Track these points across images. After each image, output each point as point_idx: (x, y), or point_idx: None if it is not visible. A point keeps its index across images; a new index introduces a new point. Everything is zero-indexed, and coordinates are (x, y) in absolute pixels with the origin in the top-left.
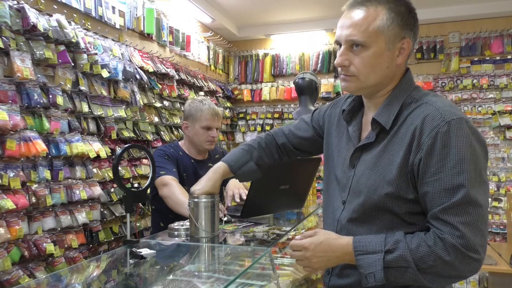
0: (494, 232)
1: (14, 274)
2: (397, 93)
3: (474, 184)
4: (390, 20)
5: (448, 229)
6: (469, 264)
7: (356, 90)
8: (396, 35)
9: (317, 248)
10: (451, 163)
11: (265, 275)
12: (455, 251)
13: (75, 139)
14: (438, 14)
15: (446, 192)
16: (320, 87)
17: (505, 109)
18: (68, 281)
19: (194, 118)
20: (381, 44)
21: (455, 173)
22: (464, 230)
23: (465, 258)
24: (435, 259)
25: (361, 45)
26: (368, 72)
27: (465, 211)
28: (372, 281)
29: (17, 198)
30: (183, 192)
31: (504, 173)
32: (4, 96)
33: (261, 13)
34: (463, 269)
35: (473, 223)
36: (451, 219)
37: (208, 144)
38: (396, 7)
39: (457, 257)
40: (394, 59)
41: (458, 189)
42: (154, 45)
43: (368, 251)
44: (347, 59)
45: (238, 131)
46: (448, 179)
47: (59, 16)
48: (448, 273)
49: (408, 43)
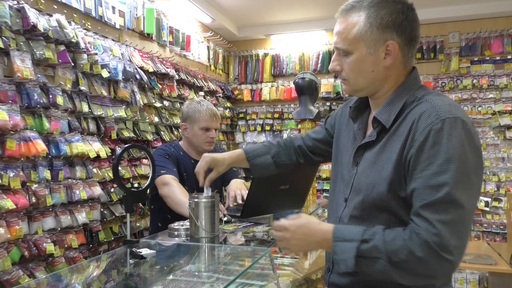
0: (494, 232)
1: (14, 274)
2: (400, 92)
3: (459, 185)
4: (367, 25)
5: (425, 225)
6: (441, 265)
7: (352, 92)
8: (377, 39)
9: (298, 231)
10: (439, 161)
11: (265, 275)
12: (428, 249)
13: (75, 139)
14: (438, 14)
15: (430, 189)
16: (320, 87)
17: (505, 109)
18: (68, 281)
19: (193, 119)
20: (362, 50)
21: (441, 171)
22: (441, 229)
23: (438, 257)
24: (407, 253)
25: (345, 52)
26: (355, 76)
27: (445, 210)
28: (343, 267)
29: (17, 198)
30: (183, 192)
31: (504, 173)
32: (4, 96)
33: (261, 13)
34: (434, 269)
35: (452, 223)
36: (430, 216)
37: (207, 145)
38: (377, 11)
39: (429, 255)
40: (380, 62)
41: (442, 187)
42: (154, 45)
43: (345, 238)
44: (339, 64)
45: (238, 131)
46: (433, 176)
47: (59, 16)
48: (419, 271)
49: (393, 44)
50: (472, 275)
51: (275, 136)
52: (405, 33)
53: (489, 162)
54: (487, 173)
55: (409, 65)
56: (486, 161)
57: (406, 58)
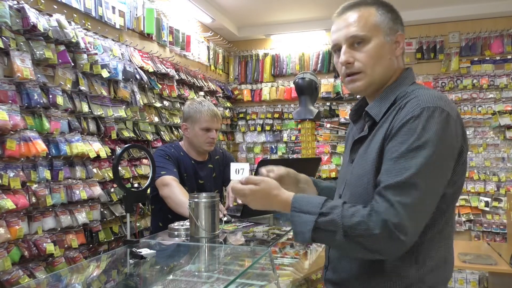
0: (494, 232)
1: (14, 274)
2: (392, 87)
3: (425, 171)
4: (383, 15)
5: (386, 205)
6: (393, 244)
7: (366, 87)
8: (391, 28)
9: (256, 194)
10: (409, 145)
11: (265, 275)
12: (385, 227)
13: (75, 139)
14: (438, 14)
15: (395, 172)
16: (320, 87)
17: (505, 109)
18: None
19: (193, 119)
20: (380, 37)
21: (409, 156)
22: (400, 210)
23: (392, 236)
24: (364, 229)
25: (362, 40)
26: (374, 64)
27: (407, 193)
28: (300, 239)
29: (17, 198)
30: (183, 192)
31: (504, 173)
32: (4, 96)
33: (261, 13)
34: (386, 247)
35: (412, 206)
36: (391, 197)
37: (208, 145)
38: (383, 7)
39: (384, 233)
40: (394, 51)
41: (407, 170)
42: (154, 45)
43: (303, 210)
44: (351, 56)
45: (238, 131)
46: (400, 159)
47: (59, 16)
48: (370, 246)
49: (401, 36)
50: (472, 275)
51: (275, 136)
52: (403, 30)
53: (489, 162)
54: (487, 173)
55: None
56: (486, 161)
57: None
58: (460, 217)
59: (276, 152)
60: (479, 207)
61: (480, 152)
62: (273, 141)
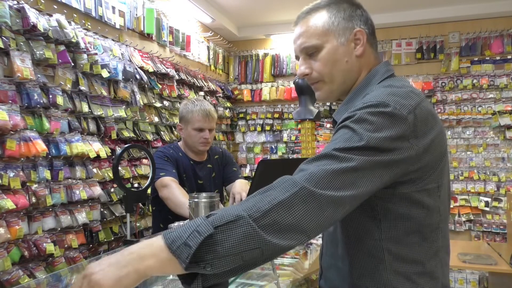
0: (494, 232)
1: (14, 274)
2: (360, 88)
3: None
4: (333, 17)
5: (299, 172)
6: (308, 205)
7: (328, 95)
8: (345, 28)
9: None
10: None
11: (265, 275)
12: (294, 186)
13: (75, 139)
14: (438, 14)
15: (315, 156)
16: None
17: (505, 109)
18: (68, 281)
19: (186, 120)
20: (332, 41)
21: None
22: (312, 168)
23: (306, 195)
24: (269, 201)
25: (314, 49)
26: (330, 70)
27: (319, 159)
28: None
29: (17, 198)
30: (183, 193)
31: (504, 173)
32: (4, 96)
33: (261, 13)
34: (303, 213)
35: (321, 166)
36: (303, 166)
37: (202, 145)
38: (337, 6)
39: (296, 195)
40: (352, 52)
41: (327, 149)
42: (154, 45)
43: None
44: (308, 67)
45: (238, 131)
46: (329, 145)
47: (59, 16)
48: (287, 220)
49: (361, 32)
50: (472, 275)
51: (275, 136)
52: (367, 24)
53: (489, 162)
54: (487, 173)
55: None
56: (486, 161)
57: (374, 48)
58: (460, 217)
59: (276, 152)
60: (479, 207)
61: (480, 152)
62: (273, 141)
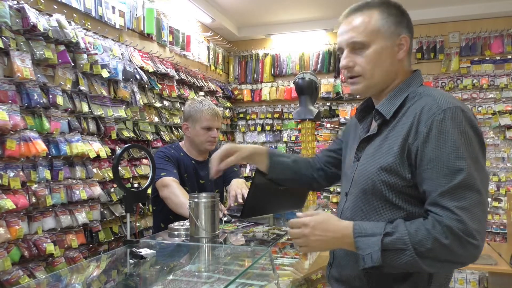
0: (494, 232)
1: (14, 274)
2: (402, 87)
3: (472, 170)
4: (384, 19)
5: (446, 213)
6: (467, 249)
7: (364, 90)
8: (393, 32)
9: (317, 226)
10: (448, 149)
11: (265, 275)
12: (453, 235)
13: (75, 139)
14: (438, 14)
15: (444, 178)
16: (320, 87)
17: (505, 109)
18: (68, 281)
19: (194, 119)
20: (380, 41)
21: (453, 158)
22: (461, 214)
23: (463, 242)
24: (433, 242)
25: (362, 45)
26: (372, 68)
27: (462, 196)
28: (369, 262)
29: (17, 198)
30: (183, 193)
31: (504, 173)
32: (4, 96)
33: (261, 13)
34: (461, 254)
35: (471, 208)
36: (449, 204)
37: (209, 144)
38: (388, 9)
39: (454, 241)
40: (395, 55)
41: (456, 174)
42: (154, 45)
43: (367, 233)
44: (351, 60)
45: (238, 131)
46: (445, 164)
47: (59, 16)
48: (446, 257)
49: (406, 38)
50: (472, 275)
51: (275, 136)
52: (411, 31)
53: (489, 162)
54: None
55: (410, 65)
56: (486, 161)
57: (409, 55)
58: None
59: None
60: None
61: None
62: (273, 141)
